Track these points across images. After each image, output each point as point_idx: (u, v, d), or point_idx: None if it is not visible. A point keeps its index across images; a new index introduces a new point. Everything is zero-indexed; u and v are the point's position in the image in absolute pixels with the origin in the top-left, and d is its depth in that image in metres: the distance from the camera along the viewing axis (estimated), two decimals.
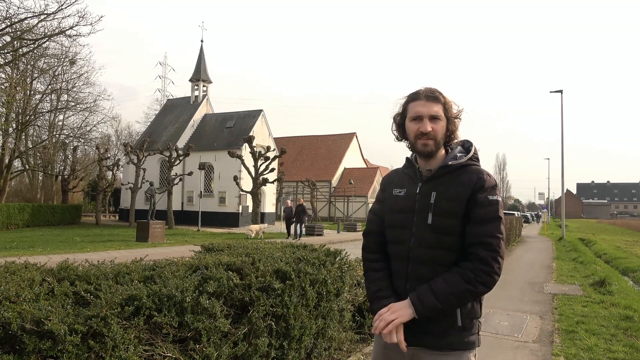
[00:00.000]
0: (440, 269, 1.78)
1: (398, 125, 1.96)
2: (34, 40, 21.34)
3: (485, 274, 1.73)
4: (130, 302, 2.39)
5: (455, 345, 1.79)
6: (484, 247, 1.75)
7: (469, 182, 1.81)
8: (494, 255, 1.74)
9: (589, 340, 5.32)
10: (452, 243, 1.80)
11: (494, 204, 1.79)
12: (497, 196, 1.81)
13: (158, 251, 13.46)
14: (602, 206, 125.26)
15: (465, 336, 1.80)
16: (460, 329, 1.79)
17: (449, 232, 1.80)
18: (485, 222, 1.77)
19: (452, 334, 1.79)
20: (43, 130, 34.47)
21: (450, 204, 1.80)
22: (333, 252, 4.30)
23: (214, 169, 32.37)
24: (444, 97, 1.88)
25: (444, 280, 1.75)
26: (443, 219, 1.80)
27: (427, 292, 1.76)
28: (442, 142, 1.88)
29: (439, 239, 1.80)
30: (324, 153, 49.42)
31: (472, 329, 1.82)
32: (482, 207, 1.78)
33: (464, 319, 1.79)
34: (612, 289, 8.89)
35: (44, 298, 2.29)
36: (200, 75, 36.16)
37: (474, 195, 1.79)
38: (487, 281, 1.74)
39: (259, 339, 3.03)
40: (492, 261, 1.74)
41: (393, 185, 1.99)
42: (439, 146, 1.88)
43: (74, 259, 3.07)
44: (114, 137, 49.79)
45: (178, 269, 3.04)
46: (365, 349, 4.66)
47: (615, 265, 14.90)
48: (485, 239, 1.75)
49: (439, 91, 1.89)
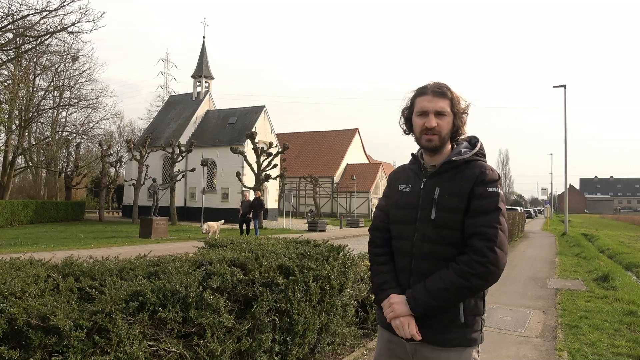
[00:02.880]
0: (443, 264, 1.77)
1: (406, 119, 1.96)
2: (36, 37, 21.38)
3: (479, 264, 1.69)
4: (134, 298, 2.40)
5: (457, 342, 1.78)
6: (479, 237, 1.72)
7: (471, 177, 1.80)
8: (489, 245, 1.69)
9: (593, 335, 5.32)
10: (454, 238, 1.79)
11: (492, 196, 1.77)
12: (497, 189, 1.79)
13: (161, 247, 13.51)
14: (605, 201, 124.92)
15: (467, 333, 1.79)
16: (463, 325, 1.78)
17: (452, 227, 1.79)
18: (482, 213, 1.75)
19: (454, 330, 1.78)
20: (46, 127, 34.59)
21: (453, 199, 1.80)
22: (336, 248, 4.30)
23: (217, 165, 32.41)
24: (451, 92, 1.87)
25: (439, 276, 1.75)
26: (446, 215, 1.80)
27: (421, 290, 1.77)
28: (447, 137, 1.88)
29: (441, 235, 1.80)
30: (326, 149, 49.40)
31: (475, 325, 1.81)
32: (480, 199, 1.77)
33: (466, 315, 1.78)
34: (616, 284, 8.87)
35: (49, 294, 2.30)
36: (203, 72, 36.13)
37: (474, 188, 1.78)
38: (481, 273, 1.69)
39: (262, 334, 3.04)
40: (486, 251, 1.69)
41: (399, 182, 2.00)
42: (443, 142, 1.87)
43: (78, 255, 3.08)
44: (117, 133, 49.95)
45: (182, 264, 3.04)
46: (368, 344, 4.68)
47: (618, 261, 14.86)
48: (481, 229, 1.73)
49: (447, 86, 1.88)
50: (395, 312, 1.80)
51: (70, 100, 32.94)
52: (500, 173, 2.47)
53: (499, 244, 1.71)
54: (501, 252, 1.71)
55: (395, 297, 1.83)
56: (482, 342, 1.84)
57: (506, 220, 1.80)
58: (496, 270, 1.70)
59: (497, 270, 1.71)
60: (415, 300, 1.77)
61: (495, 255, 1.69)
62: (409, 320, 1.77)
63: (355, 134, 50.31)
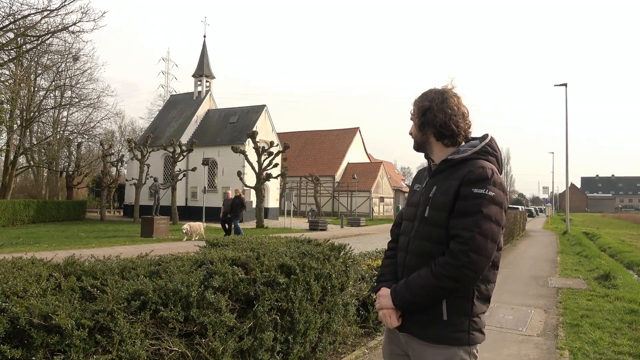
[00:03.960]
0: (429, 261, 1.81)
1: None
2: (37, 36, 21.41)
3: (453, 267, 1.70)
4: (136, 297, 2.41)
5: (439, 339, 1.79)
6: (455, 240, 1.73)
7: (460, 176, 1.81)
8: (463, 249, 1.69)
9: (594, 334, 5.32)
10: (441, 236, 1.81)
11: (477, 197, 1.73)
12: (485, 190, 1.74)
13: (163, 246, 13.52)
14: (606, 200, 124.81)
15: (450, 331, 1.78)
16: (446, 323, 1.78)
17: (440, 225, 1.81)
18: (463, 215, 1.74)
19: (436, 327, 1.80)
20: (47, 127, 34.61)
21: (443, 198, 1.82)
22: (337, 247, 4.31)
23: (218, 164, 32.42)
24: (415, 103, 2.00)
25: (418, 273, 1.81)
26: (436, 213, 1.83)
27: (402, 285, 1.85)
28: (420, 143, 2.00)
29: (430, 232, 1.84)
30: (327, 148, 49.39)
31: (459, 325, 1.79)
32: (463, 200, 1.76)
33: (450, 313, 1.78)
34: (617, 282, 8.86)
35: (51, 293, 2.31)
36: (204, 71, 36.13)
37: (460, 188, 1.78)
38: (455, 276, 1.70)
39: (264, 333, 3.05)
40: (460, 255, 1.69)
41: (416, 181, 2.12)
42: (420, 148, 2.01)
43: (79, 255, 3.09)
44: (118, 133, 50.02)
45: (183, 264, 3.05)
46: (369, 343, 4.68)
47: (619, 259, 14.84)
48: (458, 231, 1.73)
49: (416, 98, 2.01)
50: (380, 304, 1.90)
51: (72, 99, 32.97)
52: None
53: (475, 248, 1.69)
54: (477, 256, 1.69)
55: (384, 290, 1.92)
56: (474, 344, 1.81)
57: (494, 222, 1.73)
58: (470, 273, 1.71)
59: (471, 274, 1.71)
60: (396, 294, 1.85)
61: (468, 259, 1.69)
62: (390, 313, 1.86)
63: (356, 133, 50.29)
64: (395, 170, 65.96)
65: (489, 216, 1.73)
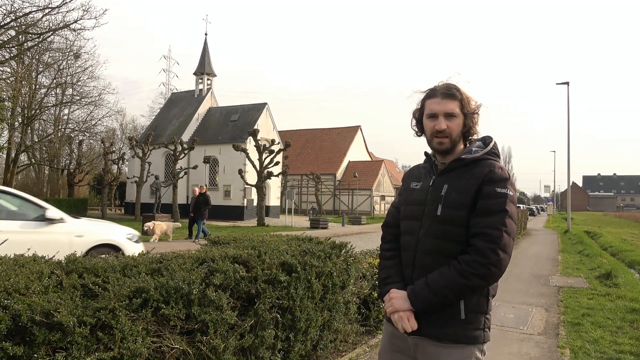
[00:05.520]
0: (445, 260, 1.78)
1: (417, 121, 1.98)
2: (38, 34, 21.39)
3: (481, 265, 1.70)
4: (137, 295, 2.41)
5: (456, 338, 1.78)
6: (482, 238, 1.73)
7: (480, 175, 1.80)
8: (492, 247, 1.70)
9: (595, 333, 5.32)
10: (458, 234, 1.79)
11: (501, 197, 1.76)
12: (506, 189, 1.77)
13: (164, 244, 13.54)
14: (608, 199, 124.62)
15: (468, 330, 1.78)
16: (463, 321, 1.78)
17: (457, 223, 1.79)
18: (488, 213, 1.75)
19: (454, 326, 1.78)
20: (49, 125, 34.62)
21: (459, 196, 1.80)
22: (338, 245, 4.30)
23: (219, 162, 32.42)
24: (461, 93, 1.87)
25: (440, 273, 1.76)
26: (452, 211, 1.81)
27: (422, 285, 1.78)
28: (458, 138, 1.88)
29: (445, 230, 1.81)
30: (328, 146, 49.37)
31: (476, 323, 1.80)
32: (487, 199, 1.77)
33: (467, 312, 1.78)
34: (618, 281, 8.85)
35: (53, 290, 2.31)
36: (205, 69, 36.10)
37: (482, 187, 1.78)
38: (482, 273, 1.70)
39: (265, 331, 3.05)
40: (489, 253, 1.70)
41: (411, 179, 2.04)
42: (454, 143, 1.88)
43: (81, 252, 3.09)
44: (119, 130, 50.03)
45: (185, 261, 3.05)
46: (370, 341, 4.68)
47: (621, 258, 14.82)
48: (485, 230, 1.73)
49: (456, 87, 1.88)
50: (394, 307, 1.83)
51: (73, 97, 32.94)
52: None
53: (502, 246, 1.71)
54: (504, 254, 1.72)
55: (395, 292, 1.86)
56: (486, 342, 1.83)
57: (514, 222, 1.77)
58: (497, 271, 1.72)
59: (498, 272, 1.72)
60: (415, 295, 1.79)
61: (497, 257, 1.70)
62: (408, 315, 1.79)
63: (357, 131, 50.24)
64: (396, 168, 65.87)
65: (511, 215, 1.76)
